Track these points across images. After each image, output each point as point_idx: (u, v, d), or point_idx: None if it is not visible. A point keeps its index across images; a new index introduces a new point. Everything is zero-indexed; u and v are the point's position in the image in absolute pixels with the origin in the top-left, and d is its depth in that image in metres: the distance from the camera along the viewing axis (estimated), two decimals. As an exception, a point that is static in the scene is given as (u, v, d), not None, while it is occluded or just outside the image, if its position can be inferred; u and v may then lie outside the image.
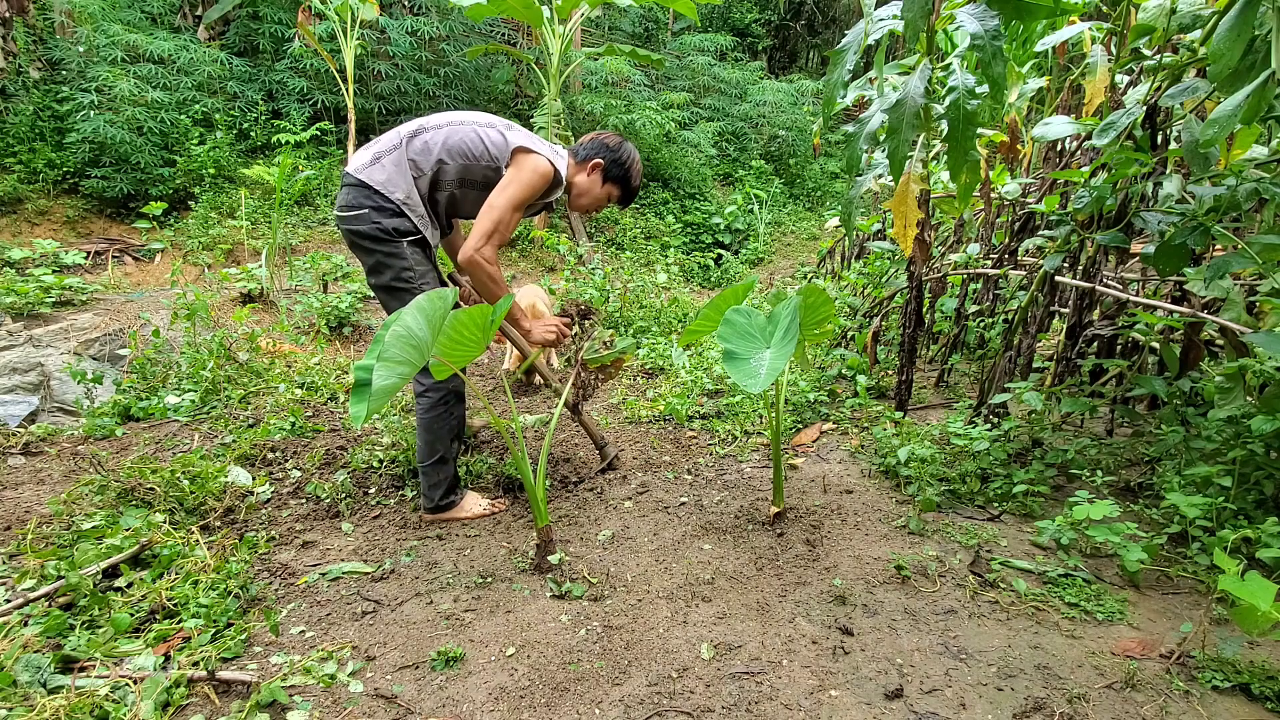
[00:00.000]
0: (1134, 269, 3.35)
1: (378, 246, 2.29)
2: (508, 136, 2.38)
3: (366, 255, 2.33)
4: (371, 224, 2.27)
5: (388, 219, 2.27)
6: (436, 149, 2.32)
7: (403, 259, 2.31)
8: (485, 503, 2.58)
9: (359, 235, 2.29)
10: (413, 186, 2.31)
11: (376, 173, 2.29)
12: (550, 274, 7.56)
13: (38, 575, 1.95)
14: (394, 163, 2.30)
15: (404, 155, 2.31)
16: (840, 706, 1.59)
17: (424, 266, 2.35)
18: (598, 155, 2.54)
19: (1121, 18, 2.57)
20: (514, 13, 6.84)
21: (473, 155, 2.35)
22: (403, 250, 2.30)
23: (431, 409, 2.40)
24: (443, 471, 2.46)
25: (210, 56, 7.46)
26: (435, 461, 2.43)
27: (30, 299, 4.69)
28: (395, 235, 2.28)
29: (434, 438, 2.42)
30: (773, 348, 2.14)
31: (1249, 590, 1.51)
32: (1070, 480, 2.59)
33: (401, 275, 2.32)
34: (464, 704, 1.62)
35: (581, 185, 2.55)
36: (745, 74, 11.06)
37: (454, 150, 2.34)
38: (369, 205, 2.27)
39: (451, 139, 2.34)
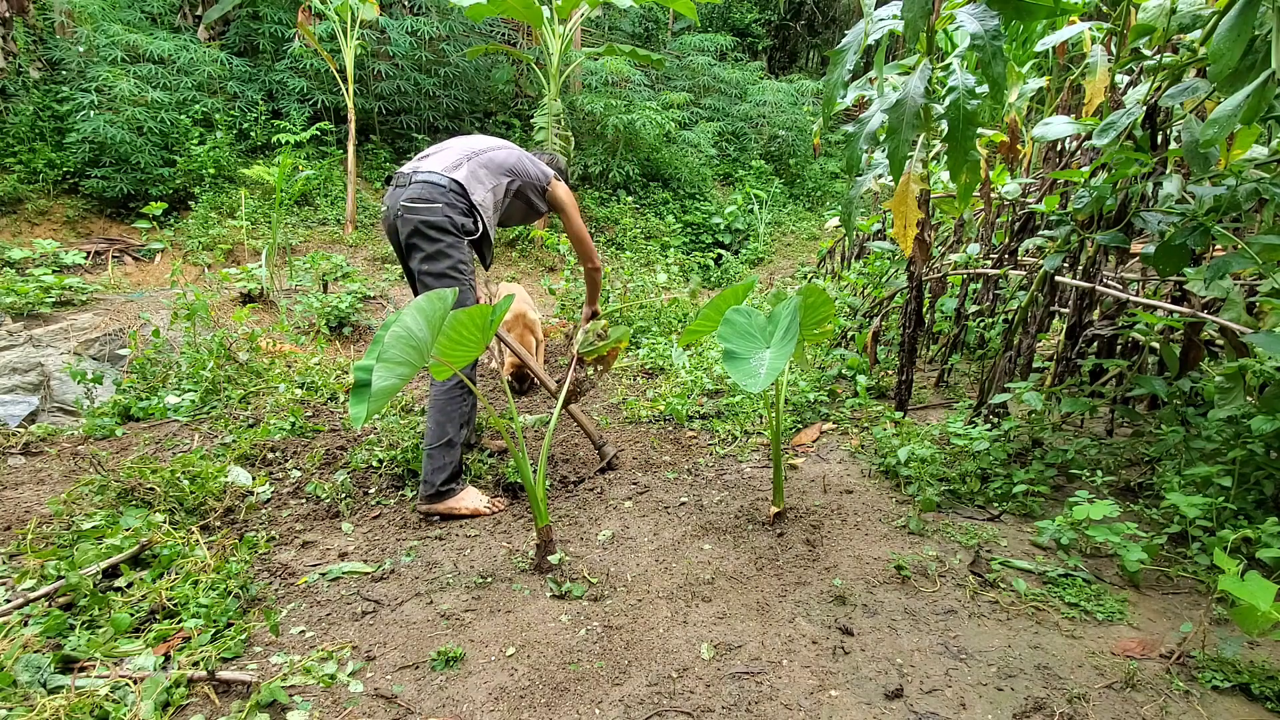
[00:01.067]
0: (1134, 269, 3.35)
1: (443, 236, 2.47)
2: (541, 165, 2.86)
3: (429, 243, 2.47)
4: (444, 216, 2.46)
5: (460, 216, 2.49)
6: (498, 169, 2.66)
7: (461, 252, 2.51)
8: (484, 500, 2.59)
9: (428, 225, 2.45)
10: (489, 193, 2.60)
11: (460, 174, 2.54)
12: (550, 274, 7.57)
13: (38, 575, 1.95)
14: (472, 171, 2.58)
15: (479, 166, 2.61)
16: (840, 706, 1.59)
17: (471, 265, 2.56)
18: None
19: (1121, 18, 2.57)
20: (514, 13, 6.85)
21: (530, 175, 2.77)
22: (464, 246, 2.52)
23: (448, 390, 2.50)
24: (448, 455, 2.49)
25: (210, 56, 7.46)
26: (443, 444, 2.48)
27: (30, 299, 4.70)
28: (460, 231, 2.49)
29: (445, 419, 2.49)
30: (773, 348, 2.14)
31: (1249, 590, 1.51)
32: (1070, 480, 2.59)
33: (458, 265, 2.50)
34: (464, 704, 1.62)
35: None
36: (745, 74, 11.06)
37: (511, 170, 2.70)
38: (443, 201, 2.47)
39: (507, 162, 2.71)
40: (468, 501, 2.54)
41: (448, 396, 2.51)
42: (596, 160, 8.83)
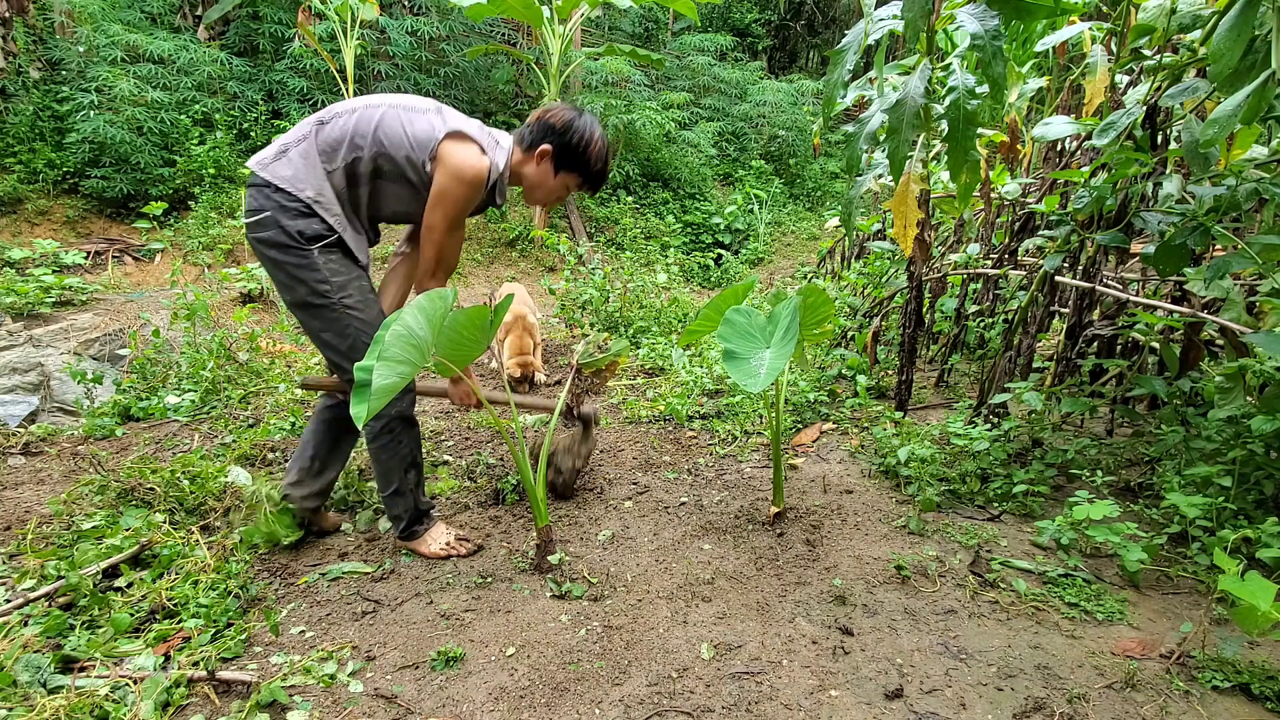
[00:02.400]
0: (1134, 269, 3.35)
1: (285, 257, 1.96)
2: (435, 124, 2.01)
3: (274, 269, 2.00)
4: (276, 228, 1.94)
5: (294, 220, 1.94)
6: (349, 135, 1.97)
7: (314, 270, 1.97)
8: (450, 538, 2.30)
9: (265, 244, 1.96)
10: (325, 182, 1.97)
11: (282, 168, 1.96)
12: (550, 274, 7.56)
13: (38, 575, 1.95)
14: (302, 155, 1.97)
15: (313, 146, 1.97)
16: (840, 706, 1.59)
17: (343, 277, 2.01)
18: (544, 140, 2.11)
19: (1121, 18, 2.57)
20: (514, 13, 6.85)
21: (389, 143, 1.98)
22: (313, 259, 1.96)
23: (376, 439, 2.15)
24: (399, 504, 2.23)
25: (210, 56, 7.46)
26: (391, 494, 2.21)
27: (30, 299, 4.70)
28: (302, 240, 1.95)
29: (385, 469, 2.18)
30: (772, 348, 2.14)
31: (1249, 590, 1.51)
32: (1070, 480, 2.59)
33: (316, 289, 1.98)
34: (464, 704, 1.62)
35: (532, 177, 2.17)
36: (745, 74, 11.06)
37: (368, 136, 1.98)
38: (272, 206, 1.94)
39: (364, 123, 1.98)
40: (432, 545, 2.27)
41: (378, 445, 2.15)
42: (596, 160, 8.81)
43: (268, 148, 2.01)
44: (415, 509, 2.27)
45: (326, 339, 2.06)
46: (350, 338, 2.04)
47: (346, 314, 2.02)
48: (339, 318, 2.02)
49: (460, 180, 1.98)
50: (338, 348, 2.06)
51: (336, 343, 2.05)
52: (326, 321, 2.03)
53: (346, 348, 2.05)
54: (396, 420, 2.14)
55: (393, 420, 2.13)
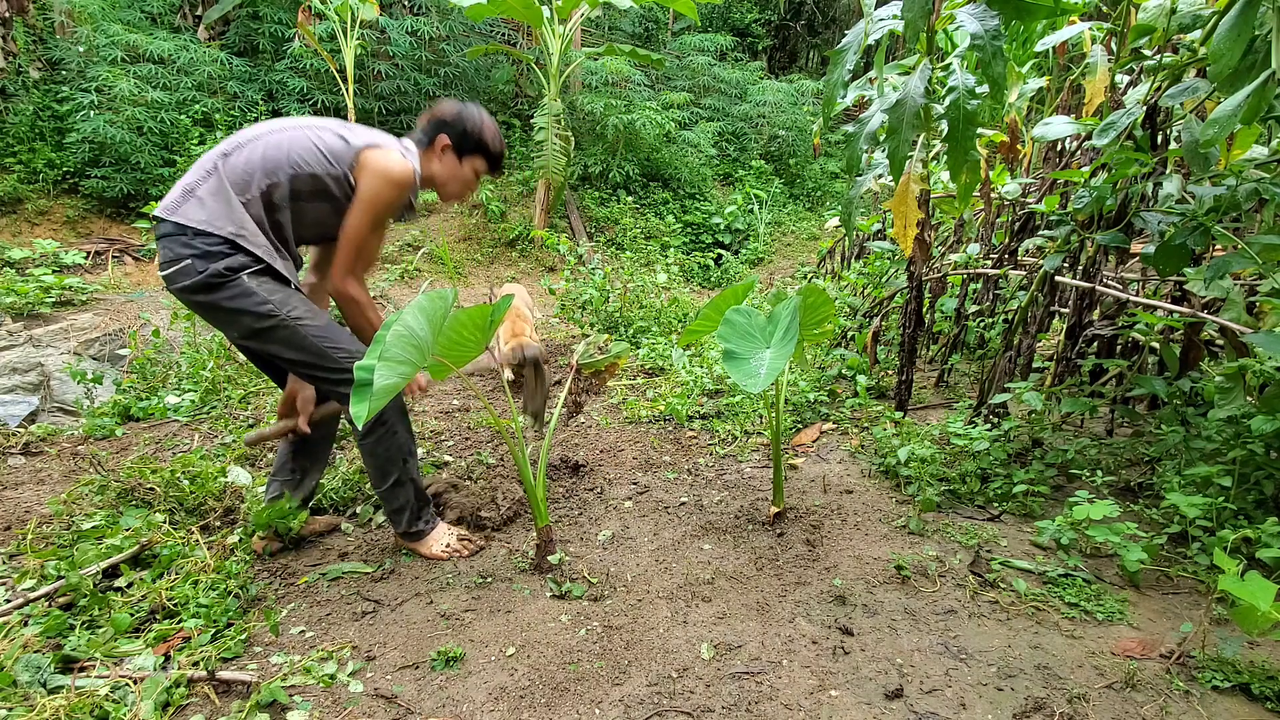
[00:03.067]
0: (1134, 269, 3.35)
1: (215, 295, 1.89)
2: (348, 138, 2.02)
3: (209, 312, 1.94)
4: (198, 275, 1.86)
5: (217, 262, 1.87)
6: (258, 164, 1.94)
7: (250, 295, 1.90)
8: (453, 538, 2.27)
9: (190, 291, 1.88)
10: (244, 214, 1.91)
11: (194, 210, 1.89)
12: (550, 274, 7.57)
13: (38, 575, 1.95)
14: (211, 192, 1.90)
15: (223, 181, 1.91)
16: (840, 706, 1.59)
17: (281, 294, 1.95)
18: (439, 133, 2.15)
19: (1121, 18, 2.57)
20: (514, 13, 6.85)
21: (304, 163, 1.96)
22: (245, 286, 1.90)
23: (370, 433, 2.09)
24: (401, 495, 2.17)
25: (210, 56, 7.46)
26: (391, 486, 2.15)
27: (30, 299, 4.70)
28: (230, 274, 1.88)
29: (382, 462, 2.13)
30: (772, 348, 2.14)
31: (1249, 590, 1.51)
32: (1070, 480, 2.59)
33: (259, 313, 1.91)
34: (464, 704, 1.62)
35: (441, 173, 2.18)
36: (745, 74, 11.06)
37: (279, 162, 1.95)
38: (190, 254, 1.86)
39: (274, 149, 1.95)
40: (435, 546, 2.24)
41: (373, 440, 2.10)
42: (596, 160, 8.83)
43: (170, 193, 1.93)
44: (419, 496, 2.22)
45: (291, 358, 2.01)
46: (312, 347, 1.98)
47: (298, 326, 1.96)
48: (292, 332, 1.96)
49: (389, 181, 1.99)
50: (305, 361, 2.00)
51: (301, 357, 2.00)
52: (283, 342, 1.97)
53: (313, 358, 2.00)
54: (391, 410, 2.09)
55: (386, 410, 2.06)
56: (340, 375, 2.01)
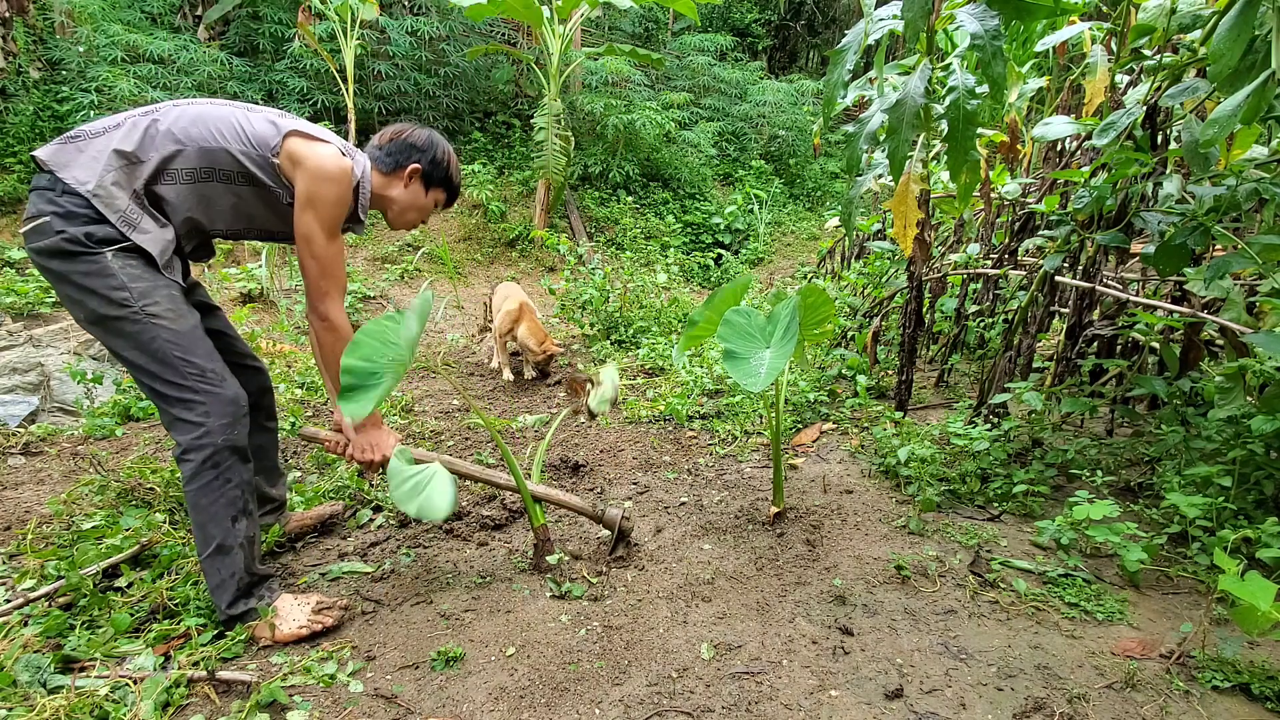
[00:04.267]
0: (1134, 269, 3.35)
1: (70, 265, 1.64)
2: (279, 124, 1.84)
3: (59, 282, 1.68)
4: (55, 235, 1.63)
5: (77, 226, 1.63)
6: (170, 131, 1.73)
7: (107, 275, 1.65)
8: (304, 612, 1.84)
9: (44, 254, 1.65)
10: (109, 173, 1.67)
11: (64, 154, 1.67)
12: (550, 274, 7.57)
13: (38, 575, 1.95)
14: (99, 145, 1.69)
15: (116, 137, 1.70)
16: (840, 706, 1.59)
17: (145, 283, 1.69)
18: (411, 160, 2.00)
19: (1121, 18, 2.57)
20: (514, 13, 6.85)
21: (219, 136, 1.76)
22: (105, 264, 1.65)
23: (195, 477, 1.73)
24: (224, 567, 1.76)
25: (210, 56, 7.46)
26: (213, 553, 1.75)
27: (30, 299, 4.69)
28: (90, 243, 1.64)
29: (205, 519, 1.74)
30: (772, 347, 2.14)
31: (1249, 590, 1.51)
32: (1070, 480, 2.59)
33: (111, 299, 1.65)
34: (464, 704, 1.62)
35: (403, 200, 2.03)
36: (745, 74, 11.06)
37: (190, 133, 1.74)
38: (52, 211, 1.63)
39: (188, 121, 1.75)
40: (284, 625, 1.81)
41: (197, 487, 1.73)
42: (596, 160, 8.83)
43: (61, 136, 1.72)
44: (246, 573, 1.80)
45: (131, 359, 1.71)
46: (155, 350, 1.69)
47: (151, 324, 1.69)
48: (142, 329, 1.68)
49: (326, 178, 1.80)
50: (145, 367, 1.71)
51: (143, 361, 1.70)
52: (128, 337, 1.69)
53: (155, 365, 1.70)
54: (224, 451, 1.74)
55: (217, 451, 1.73)
56: (178, 394, 1.71)
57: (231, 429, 1.76)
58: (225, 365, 1.82)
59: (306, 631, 1.82)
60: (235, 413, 1.77)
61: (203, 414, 1.72)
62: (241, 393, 1.81)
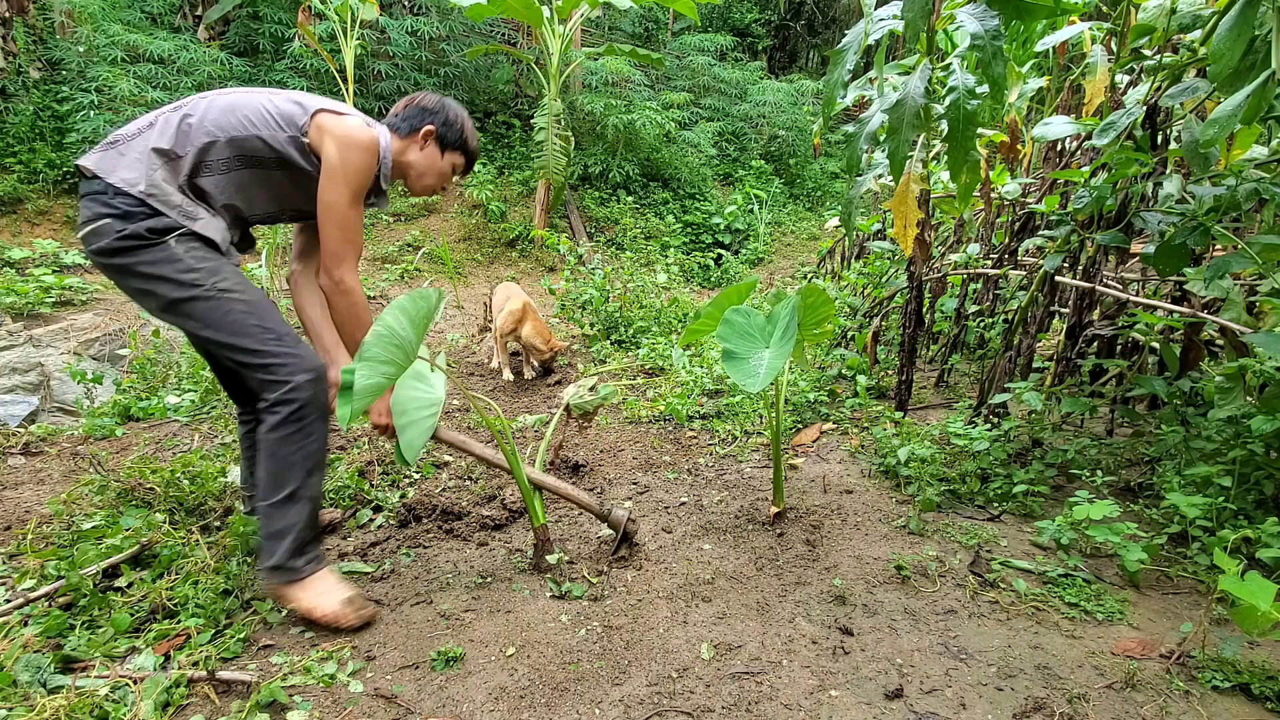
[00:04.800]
0: (1134, 269, 3.35)
1: (134, 258, 1.70)
2: (305, 103, 1.89)
3: (126, 278, 1.74)
4: (115, 235, 1.69)
5: (134, 224, 1.70)
6: (202, 124, 1.79)
7: (174, 260, 1.71)
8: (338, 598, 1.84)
9: (107, 254, 1.71)
10: (157, 172, 1.74)
11: (109, 163, 1.73)
12: (550, 274, 7.57)
13: (38, 575, 1.95)
14: (139, 146, 1.75)
15: (156, 135, 1.76)
16: (840, 706, 1.59)
17: (211, 263, 1.76)
18: (425, 122, 2.03)
19: (1121, 18, 2.57)
20: (514, 13, 6.85)
21: (251, 124, 1.81)
22: (170, 250, 1.71)
23: (279, 426, 1.78)
24: (288, 515, 1.79)
25: (210, 56, 7.47)
26: (282, 499, 1.79)
27: (30, 299, 4.70)
28: (153, 235, 1.71)
29: (281, 467, 1.79)
30: (772, 347, 2.14)
31: (1249, 590, 1.51)
32: (1070, 480, 2.59)
33: (182, 281, 1.71)
34: (464, 704, 1.62)
35: (419, 163, 2.05)
36: (745, 74, 11.06)
37: (223, 124, 1.79)
38: (108, 214, 1.70)
39: (219, 112, 1.81)
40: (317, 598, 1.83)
41: (281, 436, 1.77)
42: (596, 160, 8.83)
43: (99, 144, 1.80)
44: (307, 528, 1.84)
45: (208, 337, 1.77)
46: (234, 324, 1.76)
47: (224, 298, 1.75)
48: (216, 305, 1.74)
49: (353, 145, 1.84)
50: (224, 341, 1.77)
51: (221, 336, 1.76)
52: (202, 316, 1.75)
53: (233, 337, 1.77)
54: (310, 407, 1.79)
55: (305, 406, 1.78)
56: (259, 360, 1.77)
57: (315, 384, 1.82)
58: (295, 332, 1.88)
59: (331, 619, 1.82)
60: (317, 370, 1.84)
61: (287, 374, 1.78)
62: (316, 355, 1.88)
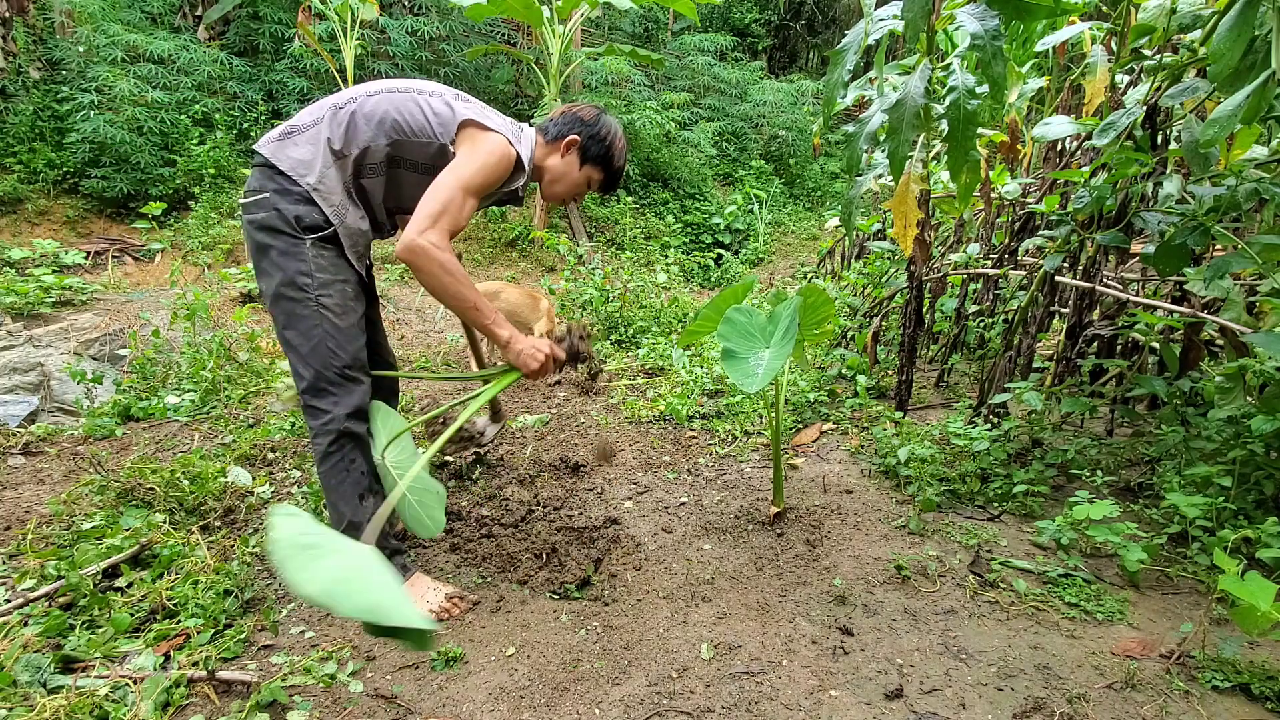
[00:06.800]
0: (1134, 269, 3.35)
1: (274, 240, 1.84)
2: (455, 108, 1.94)
3: (259, 253, 1.87)
4: (272, 210, 1.83)
5: (291, 205, 1.83)
6: (364, 124, 1.88)
7: (301, 260, 1.84)
8: (439, 597, 1.98)
9: (256, 226, 1.85)
10: (330, 170, 1.86)
11: (288, 150, 1.86)
12: (550, 274, 7.56)
13: (38, 575, 1.95)
14: (310, 140, 1.87)
15: (323, 131, 1.87)
16: (840, 706, 1.59)
17: (328, 275, 1.88)
18: (572, 131, 2.07)
19: (1121, 18, 2.57)
20: (514, 13, 6.85)
21: (408, 129, 1.90)
22: (303, 250, 1.84)
23: (324, 459, 1.91)
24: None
25: (210, 56, 7.47)
26: (344, 530, 1.90)
27: (30, 299, 4.70)
28: (298, 228, 1.83)
29: (336, 497, 1.92)
30: (772, 347, 2.14)
31: (1249, 590, 1.51)
32: (1070, 480, 2.59)
33: (295, 280, 1.84)
34: (464, 704, 1.62)
35: (556, 169, 2.09)
36: (745, 74, 11.06)
37: (384, 124, 1.89)
38: (272, 188, 1.84)
39: (382, 110, 1.89)
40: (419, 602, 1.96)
41: (326, 468, 1.91)
42: (596, 160, 8.82)
43: (275, 129, 1.91)
44: (383, 548, 1.92)
45: (290, 339, 1.89)
46: (314, 339, 1.86)
47: (320, 313, 1.86)
48: (310, 316, 1.85)
49: (490, 153, 1.88)
50: (299, 349, 1.88)
51: (299, 343, 1.87)
52: (296, 318, 1.86)
53: (307, 350, 1.86)
54: (344, 437, 1.90)
55: (339, 437, 1.89)
56: (317, 382, 1.88)
57: (353, 418, 1.91)
58: (365, 364, 1.98)
59: (435, 616, 1.94)
60: (361, 407, 1.94)
61: (332, 403, 1.89)
62: (369, 391, 1.98)
